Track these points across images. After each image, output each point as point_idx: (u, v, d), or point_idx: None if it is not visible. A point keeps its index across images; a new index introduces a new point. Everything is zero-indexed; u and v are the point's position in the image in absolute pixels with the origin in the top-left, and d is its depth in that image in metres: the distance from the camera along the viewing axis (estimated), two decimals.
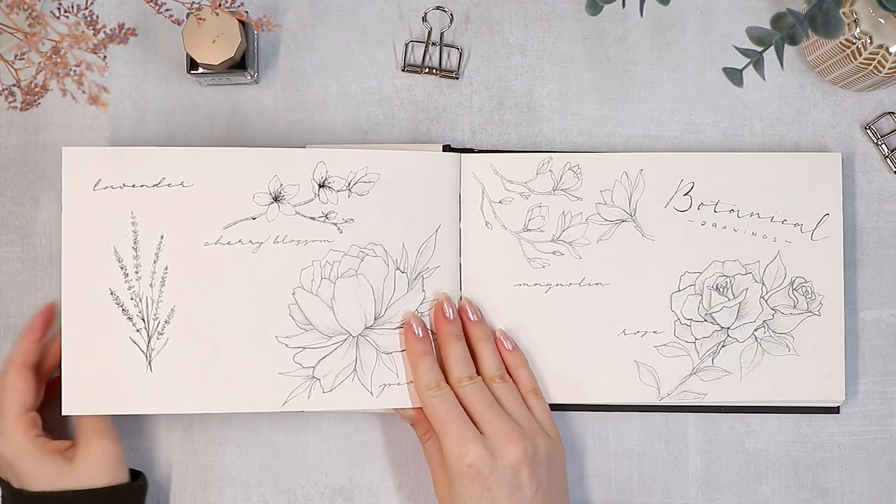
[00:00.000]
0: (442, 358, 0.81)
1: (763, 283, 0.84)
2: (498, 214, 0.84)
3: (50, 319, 0.81)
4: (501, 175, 0.84)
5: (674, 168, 0.84)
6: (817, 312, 0.83)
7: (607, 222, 0.84)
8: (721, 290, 0.83)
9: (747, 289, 0.84)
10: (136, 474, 0.81)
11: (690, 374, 0.83)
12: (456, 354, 0.80)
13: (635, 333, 0.83)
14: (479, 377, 0.80)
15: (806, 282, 0.83)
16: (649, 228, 0.84)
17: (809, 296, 0.83)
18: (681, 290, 0.83)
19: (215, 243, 0.81)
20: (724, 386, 0.83)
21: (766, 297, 0.83)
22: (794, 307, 0.83)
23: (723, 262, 0.84)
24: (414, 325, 0.80)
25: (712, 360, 0.83)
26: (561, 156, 0.84)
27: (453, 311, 0.81)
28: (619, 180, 0.84)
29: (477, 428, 0.77)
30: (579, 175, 0.84)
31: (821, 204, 0.84)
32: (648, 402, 0.83)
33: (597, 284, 0.84)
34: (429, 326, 0.82)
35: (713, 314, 0.83)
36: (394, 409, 0.81)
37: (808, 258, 0.84)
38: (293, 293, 0.81)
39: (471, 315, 0.82)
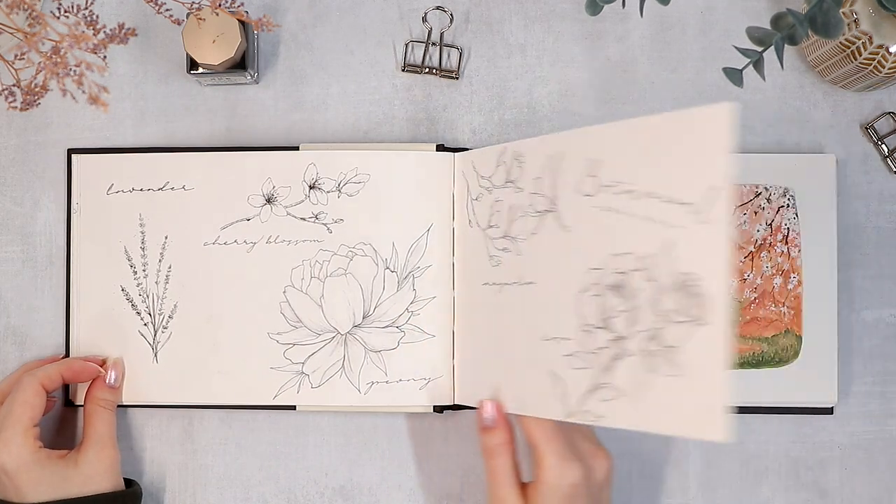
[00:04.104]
0: None
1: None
2: (475, 212, 0.82)
3: (91, 377, 0.82)
4: (477, 171, 0.82)
5: (592, 147, 0.71)
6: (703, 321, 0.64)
7: (537, 214, 0.75)
8: (619, 290, 0.69)
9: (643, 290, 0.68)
10: (128, 482, 0.82)
11: (589, 392, 0.70)
12: None
13: (552, 339, 0.73)
14: None
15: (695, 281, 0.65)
16: (566, 218, 0.72)
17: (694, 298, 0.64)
18: (586, 290, 0.71)
19: (213, 243, 0.84)
20: (620, 408, 0.68)
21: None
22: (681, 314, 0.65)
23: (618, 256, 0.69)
24: None
25: (608, 375, 0.69)
26: (513, 145, 0.77)
27: None
28: (546, 166, 0.73)
29: None
30: (522, 164, 0.76)
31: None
32: (557, 419, 0.72)
33: (528, 284, 0.75)
34: None
35: (612, 319, 0.69)
36: (479, 405, 0.78)
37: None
38: (284, 291, 0.84)
39: None
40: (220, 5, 0.74)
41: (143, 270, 0.84)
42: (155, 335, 0.84)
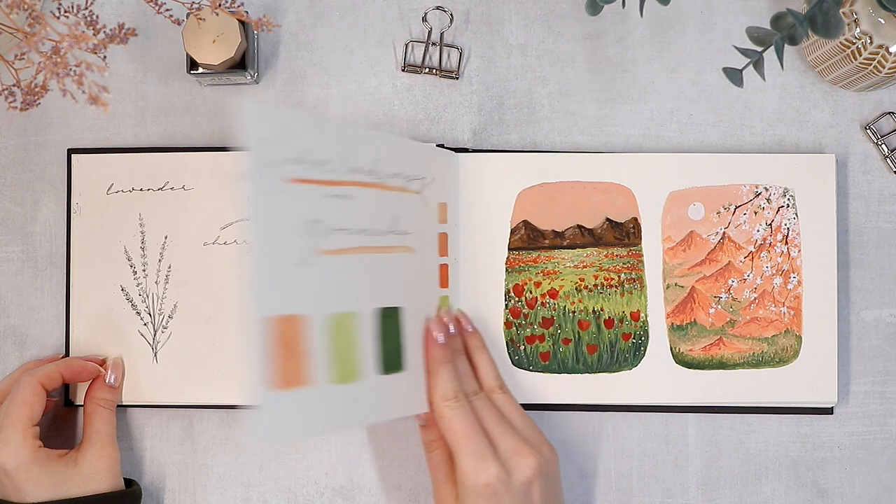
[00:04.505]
0: None
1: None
2: None
3: (91, 377, 0.82)
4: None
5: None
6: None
7: None
8: None
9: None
10: (128, 482, 0.82)
11: None
12: (462, 371, 0.79)
13: None
14: (483, 392, 0.79)
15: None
16: None
17: None
18: None
19: (213, 243, 0.84)
20: None
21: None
22: None
23: None
24: (435, 331, 0.79)
25: None
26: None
27: (455, 327, 0.81)
28: None
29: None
30: None
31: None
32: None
33: None
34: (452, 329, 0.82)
35: None
36: None
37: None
38: None
39: (467, 326, 0.81)
40: (220, 5, 0.74)
41: (143, 270, 0.84)
42: (155, 335, 0.84)
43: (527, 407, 0.84)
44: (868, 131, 0.86)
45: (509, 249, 0.85)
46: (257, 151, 0.65)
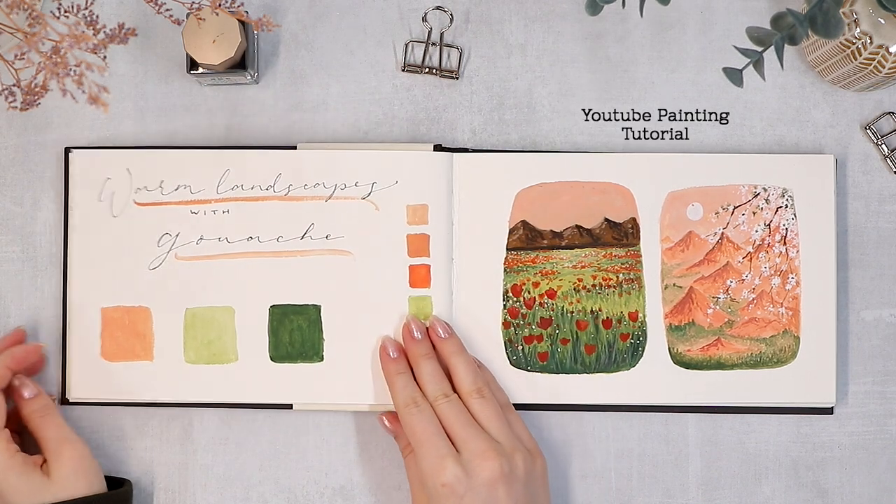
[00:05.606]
0: (416, 378, 0.80)
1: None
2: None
3: (38, 356, 0.82)
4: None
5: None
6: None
7: None
8: None
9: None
10: (120, 482, 0.81)
11: None
12: (428, 373, 0.79)
13: None
14: (455, 395, 0.79)
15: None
16: None
17: None
18: None
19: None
20: None
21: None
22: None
23: None
24: (388, 347, 0.81)
25: None
26: None
27: (421, 332, 0.81)
28: None
29: (454, 446, 0.76)
30: None
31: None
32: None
33: None
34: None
35: None
36: (378, 420, 0.83)
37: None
38: None
39: (440, 332, 0.81)
40: (220, 5, 0.74)
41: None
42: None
43: (525, 407, 0.84)
44: (868, 131, 0.86)
45: (507, 249, 0.85)
46: (84, 187, 0.83)
